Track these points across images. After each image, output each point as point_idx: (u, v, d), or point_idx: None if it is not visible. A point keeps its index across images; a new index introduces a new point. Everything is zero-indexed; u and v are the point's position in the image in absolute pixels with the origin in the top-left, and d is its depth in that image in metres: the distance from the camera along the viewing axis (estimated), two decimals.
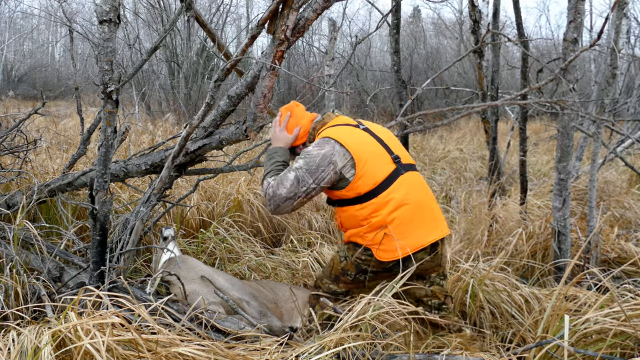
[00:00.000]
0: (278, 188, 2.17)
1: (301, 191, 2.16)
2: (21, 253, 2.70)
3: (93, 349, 1.67)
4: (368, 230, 2.18)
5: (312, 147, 2.20)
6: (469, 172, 6.85)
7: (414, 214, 2.19)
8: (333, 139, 2.20)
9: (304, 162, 2.17)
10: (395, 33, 4.32)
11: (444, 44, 18.99)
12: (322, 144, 2.20)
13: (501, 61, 7.74)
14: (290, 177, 2.16)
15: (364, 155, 2.18)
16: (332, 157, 2.16)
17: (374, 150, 2.23)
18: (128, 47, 11.39)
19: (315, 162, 2.15)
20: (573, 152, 4.64)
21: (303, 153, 2.21)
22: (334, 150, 2.17)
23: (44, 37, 28.71)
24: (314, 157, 2.16)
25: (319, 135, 2.29)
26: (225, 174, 4.09)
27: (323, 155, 2.16)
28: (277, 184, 2.18)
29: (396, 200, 2.15)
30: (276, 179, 2.21)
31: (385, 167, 2.20)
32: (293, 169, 2.18)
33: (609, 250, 3.47)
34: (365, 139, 2.25)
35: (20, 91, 17.38)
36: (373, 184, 2.16)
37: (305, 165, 2.16)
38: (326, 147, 2.18)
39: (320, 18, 6.91)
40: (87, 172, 3.11)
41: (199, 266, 2.64)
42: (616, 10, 3.37)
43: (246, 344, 2.09)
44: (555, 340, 1.79)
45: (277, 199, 2.17)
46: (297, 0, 2.47)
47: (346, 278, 2.29)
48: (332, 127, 2.30)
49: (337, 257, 2.33)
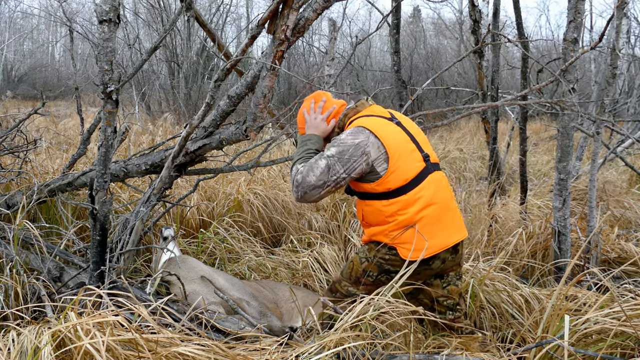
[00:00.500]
0: (307, 175, 2.09)
1: (331, 180, 2.09)
2: (21, 253, 2.70)
3: (93, 349, 1.67)
4: (394, 228, 2.12)
5: (346, 136, 2.12)
6: (469, 172, 6.85)
7: (441, 213, 2.15)
8: (368, 129, 2.12)
9: (336, 150, 2.09)
10: (395, 33, 4.32)
11: (444, 44, 19.00)
12: (356, 133, 2.12)
13: (501, 61, 7.74)
14: (322, 164, 2.09)
15: (397, 150, 2.12)
16: (366, 147, 2.08)
17: (407, 146, 2.17)
18: (128, 47, 11.39)
19: (349, 151, 2.08)
20: (573, 152, 4.64)
21: (335, 140, 2.13)
22: (368, 140, 2.09)
23: (44, 37, 28.72)
24: (348, 145, 2.09)
25: (352, 124, 2.21)
26: (225, 174, 4.09)
27: (357, 145, 2.08)
28: (307, 170, 2.10)
29: (425, 198, 2.11)
30: (305, 166, 2.12)
31: (416, 164, 2.14)
32: (324, 157, 2.10)
33: (609, 250, 3.47)
34: (399, 133, 2.19)
35: (20, 91, 17.39)
36: (404, 180, 2.10)
37: (337, 154, 2.08)
38: (360, 136, 2.10)
39: (320, 18, 6.91)
40: (87, 172, 3.11)
41: (199, 266, 2.64)
42: (616, 11, 3.37)
43: (246, 344, 2.09)
44: (555, 340, 1.79)
45: (306, 186, 2.09)
46: (297, 0, 2.47)
47: (367, 280, 2.21)
48: (366, 117, 2.22)
49: (358, 259, 2.25)
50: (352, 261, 2.28)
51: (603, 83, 3.91)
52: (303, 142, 2.28)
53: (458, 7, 22.42)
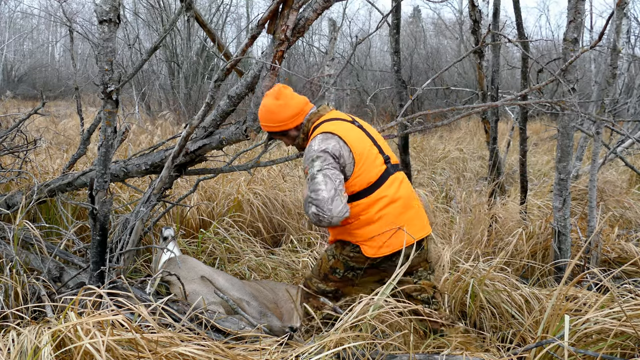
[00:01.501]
0: (317, 197, 2.05)
1: (337, 183, 2.08)
2: (21, 253, 2.70)
3: (93, 348, 1.67)
4: (357, 227, 2.19)
5: (317, 145, 2.13)
6: (469, 172, 6.84)
7: (402, 212, 2.22)
8: (336, 134, 2.16)
9: (318, 160, 2.10)
10: (395, 33, 4.31)
11: (444, 44, 18.99)
12: (325, 139, 2.14)
13: (501, 61, 7.74)
14: (319, 179, 2.07)
15: (363, 154, 2.18)
16: (340, 150, 2.13)
17: (371, 150, 2.23)
18: (128, 47, 11.39)
19: (328, 156, 2.10)
20: (573, 152, 4.63)
21: (310, 154, 2.13)
22: (339, 144, 2.14)
23: (44, 37, 28.70)
24: (323, 152, 2.11)
25: (317, 129, 2.23)
26: (225, 174, 4.09)
27: (332, 147, 2.12)
28: (313, 195, 2.07)
29: (387, 198, 2.18)
30: (309, 196, 2.10)
31: (378, 167, 2.21)
32: (315, 172, 2.08)
33: (609, 250, 3.47)
34: (363, 137, 2.25)
35: (20, 91, 17.37)
36: (367, 183, 2.18)
37: (322, 162, 2.10)
38: (331, 141, 2.14)
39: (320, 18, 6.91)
40: (87, 172, 3.11)
41: (199, 266, 2.64)
42: (616, 10, 3.37)
43: (246, 344, 2.09)
44: (555, 340, 1.79)
45: (325, 204, 2.04)
46: (297, 0, 2.47)
47: (334, 276, 2.30)
48: (330, 122, 2.25)
49: (326, 256, 2.34)
50: (322, 259, 2.36)
51: (603, 83, 3.91)
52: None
53: (458, 7, 22.43)
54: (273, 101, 2.25)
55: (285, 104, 2.25)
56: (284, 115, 2.25)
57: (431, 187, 5.44)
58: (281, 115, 2.25)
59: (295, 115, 2.26)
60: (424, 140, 9.82)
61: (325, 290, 2.33)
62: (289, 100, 2.26)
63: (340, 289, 2.33)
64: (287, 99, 2.25)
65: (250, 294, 2.53)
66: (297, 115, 2.27)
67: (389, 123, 2.78)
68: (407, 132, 3.73)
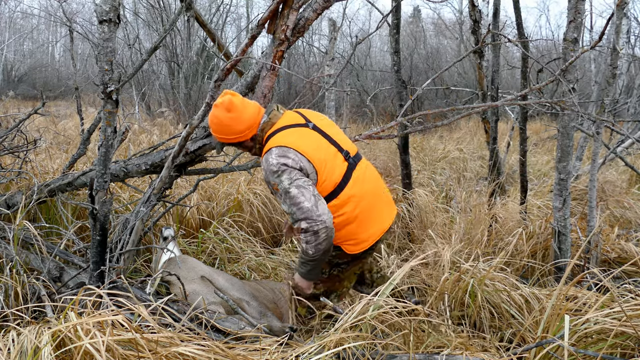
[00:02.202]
0: (300, 210, 2.03)
1: (312, 190, 2.07)
2: (21, 253, 2.70)
3: (93, 348, 1.67)
4: (336, 229, 2.17)
5: (277, 161, 2.08)
6: (469, 172, 6.84)
7: (373, 203, 2.26)
8: (291, 148, 2.11)
9: (284, 175, 2.06)
10: (395, 33, 4.31)
11: (444, 44, 18.99)
12: (283, 154, 2.10)
13: (501, 61, 7.75)
14: (293, 192, 2.04)
15: (322, 161, 2.15)
16: (300, 162, 2.10)
17: (329, 151, 2.19)
18: (128, 47, 11.39)
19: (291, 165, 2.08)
20: (573, 152, 4.63)
21: (272, 168, 2.08)
22: (297, 157, 2.10)
23: (44, 37, 28.70)
24: (285, 166, 2.07)
25: (270, 140, 2.18)
26: (225, 174, 4.09)
27: (292, 161, 2.08)
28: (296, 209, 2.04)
29: (356, 196, 2.19)
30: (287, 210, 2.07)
31: (340, 166, 2.19)
32: (286, 186, 2.05)
33: (609, 250, 3.47)
34: (319, 141, 2.20)
35: (20, 91, 17.37)
36: (333, 185, 2.16)
37: (289, 174, 2.06)
38: (290, 154, 2.10)
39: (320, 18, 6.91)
40: (87, 172, 3.11)
41: (199, 266, 2.64)
42: (616, 11, 3.37)
43: (246, 344, 2.09)
44: (555, 340, 1.79)
45: (312, 213, 2.03)
46: (297, 0, 2.47)
47: (322, 277, 2.35)
48: (283, 132, 2.19)
49: None
50: None
51: (603, 83, 3.91)
52: (305, 273, 2.24)
53: (458, 7, 22.43)
54: (224, 113, 2.16)
55: (238, 117, 2.17)
56: (238, 128, 2.18)
57: (431, 187, 5.44)
58: (234, 127, 2.18)
59: (249, 127, 2.20)
60: (424, 140, 9.83)
61: (316, 294, 2.37)
62: (241, 112, 2.18)
63: (329, 289, 2.39)
64: (238, 111, 2.17)
65: (250, 293, 2.53)
66: (251, 127, 2.21)
67: (389, 123, 2.78)
68: (407, 132, 3.73)
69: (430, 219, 4.05)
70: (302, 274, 2.23)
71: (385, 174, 6.01)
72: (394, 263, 3.22)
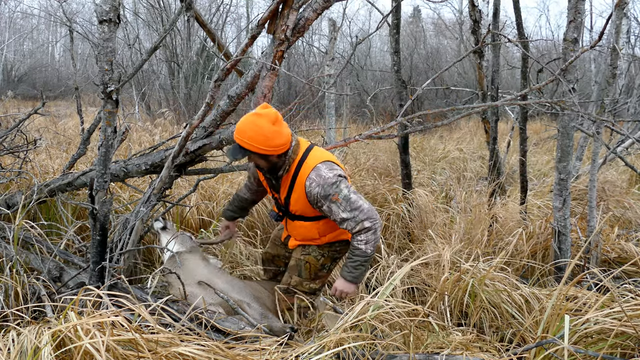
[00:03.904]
0: (362, 212, 2.24)
1: (362, 195, 2.35)
2: (21, 253, 2.70)
3: (93, 348, 1.66)
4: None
5: (327, 172, 2.27)
6: (469, 172, 6.84)
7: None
8: (333, 162, 2.35)
9: (342, 185, 2.26)
10: (395, 33, 4.31)
11: (444, 44, 18.99)
12: (330, 167, 2.30)
13: (501, 61, 7.74)
14: (353, 197, 2.25)
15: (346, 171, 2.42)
16: (344, 172, 2.35)
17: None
18: (128, 47, 11.39)
19: (344, 178, 2.30)
20: (573, 152, 4.63)
21: (328, 181, 2.25)
22: (340, 169, 2.34)
23: (44, 37, 28.70)
24: (339, 176, 2.28)
25: (309, 159, 2.32)
26: (225, 174, 4.09)
27: (343, 172, 2.33)
28: (358, 212, 2.24)
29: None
30: (348, 216, 2.25)
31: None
32: (345, 193, 2.25)
33: (609, 250, 3.47)
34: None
35: (20, 91, 17.36)
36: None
37: (345, 185, 2.27)
38: (337, 167, 2.32)
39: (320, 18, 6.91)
40: (87, 172, 3.11)
41: (198, 269, 2.61)
42: (616, 10, 3.37)
43: (246, 344, 2.09)
44: (555, 340, 1.79)
45: (369, 212, 2.26)
46: (297, 0, 2.47)
47: (323, 272, 2.55)
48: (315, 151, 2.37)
49: (313, 258, 2.51)
50: (308, 262, 2.53)
51: (603, 83, 3.91)
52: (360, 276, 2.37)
53: (458, 7, 22.42)
54: (269, 125, 2.18)
55: (280, 131, 2.22)
56: (277, 142, 2.21)
57: (431, 187, 5.44)
58: (274, 141, 2.21)
59: (284, 144, 2.26)
60: (424, 140, 9.83)
61: (315, 288, 2.56)
62: (283, 128, 2.25)
63: (323, 284, 2.61)
64: (282, 126, 2.24)
65: (251, 295, 2.52)
66: (285, 145, 2.26)
67: (389, 123, 2.78)
68: (407, 132, 3.73)
69: (430, 219, 4.05)
70: (355, 277, 2.34)
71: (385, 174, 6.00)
72: (394, 263, 3.21)
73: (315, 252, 2.51)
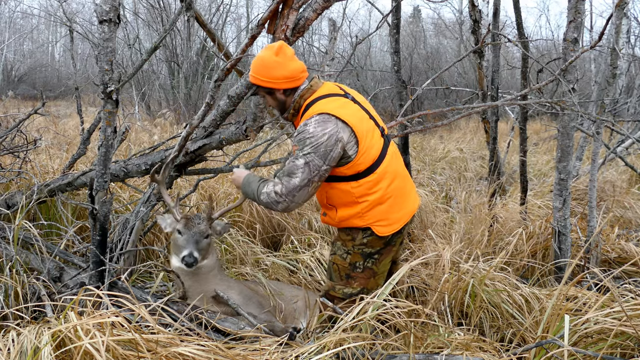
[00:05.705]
0: (289, 181, 2.03)
1: (315, 175, 2.04)
2: (21, 253, 2.69)
3: (93, 349, 1.66)
4: (368, 209, 2.15)
5: (314, 128, 2.03)
6: (469, 172, 6.84)
7: (404, 184, 2.26)
8: (333, 115, 2.05)
9: (310, 146, 2.02)
10: (395, 33, 4.31)
11: (444, 44, 18.97)
12: (323, 122, 2.04)
13: (501, 61, 7.74)
14: (300, 163, 2.02)
15: (363, 131, 2.10)
16: (338, 134, 2.04)
17: (368, 125, 2.15)
18: (128, 47, 11.39)
19: (323, 143, 2.02)
20: (573, 152, 4.63)
21: (304, 135, 2.04)
22: (337, 127, 2.04)
23: (44, 37, 28.69)
24: (320, 137, 2.02)
25: (312, 107, 2.12)
26: (225, 174, 4.09)
27: (329, 135, 2.02)
28: (285, 178, 2.04)
29: (390, 173, 2.18)
30: (280, 175, 2.08)
31: (378, 142, 2.16)
32: (301, 156, 2.02)
33: (610, 250, 3.47)
34: (359, 113, 2.16)
35: (20, 91, 17.37)
36: (372, 160, 2.13)
37: (313, 149, 2.02)
38: (329, 125, 2.03)
39: (320, 18, 6.91)
40: (87, 172, 3.11)
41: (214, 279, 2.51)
42: (616, 11, 3.37)
43: (246, 344, 2.09)
44: (555, 340, 1.79)
45: (291, 190, 2.03)
46: (297, 0, 2.47)
47: (357, 272, 2.25)
48: (325, 99, 2.13)
49: (338, 257, 2.28)
50: (334, 262, 2.30)
51: (603, 83, 3.91)
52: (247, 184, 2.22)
53: (458, 7, 22.42)
54: (271, 55, 2.10)
55: (283, 63, 2.10)
56: (277, 74, 2.10)
57: (431, 187, 5.44)
58: (274, 72, 2.10)
59: (288, 78, 2.12)
60: (424, 140, 9.82)
61: (352, 293, 2.25)
62: (288, 60, 2.12)
63: (365, 287, 2.26)
64: (285, 58, 2.11)
65: (258, 302, 2.49)
66: (290, 79, 2.13)
67: (389, 123, 2.78)
68: (407, 132, 3.73)
69: (431, 219, 4.05)
70: (244, 185, 2.22)
71: None
72: None
73: (340, 251, 2.27)
